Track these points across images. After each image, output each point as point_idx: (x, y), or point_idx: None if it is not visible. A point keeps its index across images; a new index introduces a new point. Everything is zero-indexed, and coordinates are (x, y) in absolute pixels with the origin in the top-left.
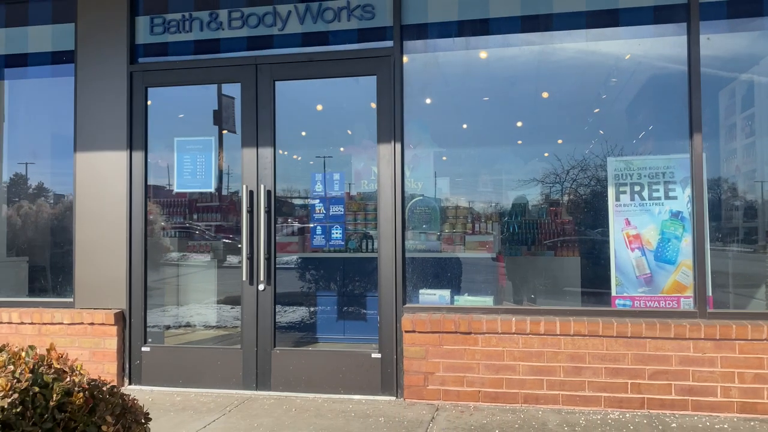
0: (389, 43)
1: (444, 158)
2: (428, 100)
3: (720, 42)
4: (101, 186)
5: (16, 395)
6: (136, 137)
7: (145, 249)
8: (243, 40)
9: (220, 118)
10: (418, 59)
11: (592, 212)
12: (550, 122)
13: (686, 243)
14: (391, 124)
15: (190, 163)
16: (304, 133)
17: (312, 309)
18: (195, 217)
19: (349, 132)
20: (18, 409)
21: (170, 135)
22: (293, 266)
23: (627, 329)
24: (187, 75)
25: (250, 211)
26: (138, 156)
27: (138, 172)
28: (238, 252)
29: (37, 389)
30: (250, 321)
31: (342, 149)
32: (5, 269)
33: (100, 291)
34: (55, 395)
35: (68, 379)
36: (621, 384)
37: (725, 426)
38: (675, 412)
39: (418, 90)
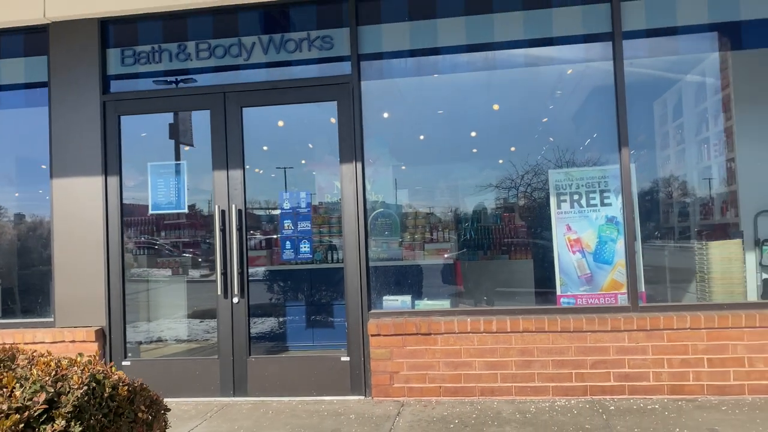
0: (348, 71)
1: (403, 168)
2: (386, 118)
3: (645, 63)
4: (78, 209)
5: (85, 387)
6: (111, 162)
7: (123, 268)
8: (211, 69)
9: (191, 142)
10: (375, 84)
11: (540, 218)
12: (501, 132)
13: (621, 245)
14: (352, 145)
15: (163, 185)
16: (269, 152)
17: (284, 318)
18: (169, 236)
19: (312, 149)
20: (86, 398)
21: (145, 159)
22: (265, 279)
23: (570, 324)
24: (158, 103)
25: (223, 229)
26: (113, 180)
27: (113, 196)
28: (212, 268)
29: (94, 384)
30: (225, 332)
31: (307, 167)
32: None
33: (79, 309)
34: (107, 389)
35: (113, 377)
36: (566, 374)
37: (656, 407)
38: (614, 396)
39: (377, 111)
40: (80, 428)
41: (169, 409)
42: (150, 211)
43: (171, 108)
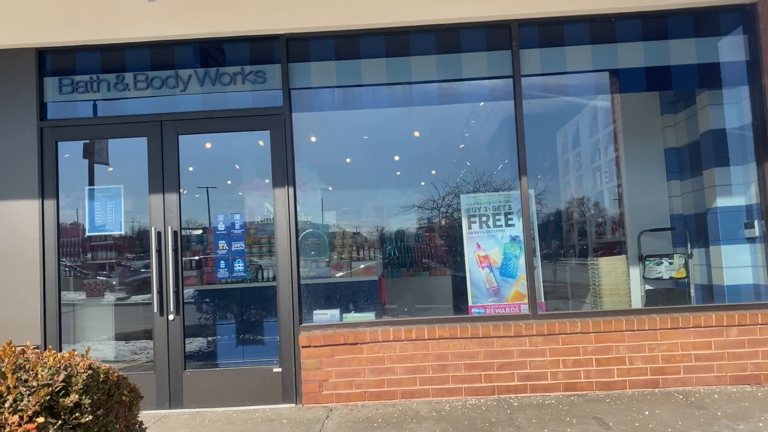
0: (280, 103)
1: (330, 190)
2: (315, 145)
3: (544, 99)
4: (13, 232)
5: (90, 371)
6: (48, 186)
7: (59, 289)
8: (148, 99)
9: (108, 161)
10: (305, 115)
11: (455, 238)
12: (422, 158)
13: (523, 261)
14: (284, 171)
15: (100, 208)
16: (203, 176)
17: (218, 334)
18: (105, 257)
19: (244, 173)
20: (89, 380)
21: (82, 183)
22: (200, 297)
23: (479, 331)
24: (96, 131)
25: (159, 250)
26: (50, 204)
27: (50, 219)
28: (149, 287)
29: (91, 371)
30: (161, 347)
31: (239, 189)
32: None
33: (15, 328)
34: (101, 375)
35: (103, 367)
36: (476, 376)
37: (553, 402)
38: (518, 394)
39: (306, 138)
40: (88, 401)
41: (142, 397)
42: (87, 233)
43: (109, 135)
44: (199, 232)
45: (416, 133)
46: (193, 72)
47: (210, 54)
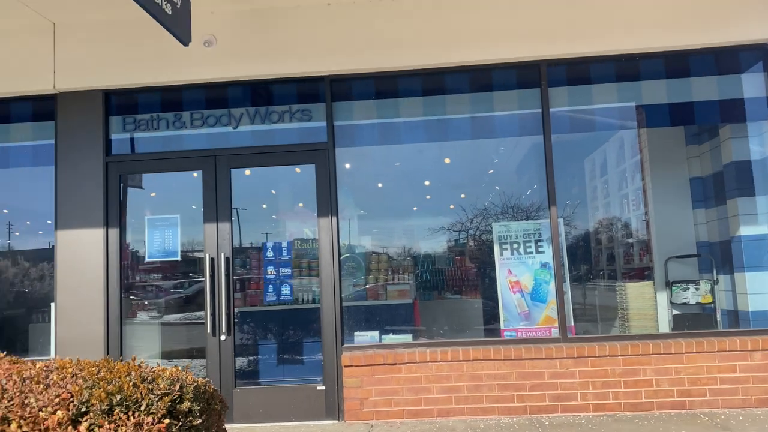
0: (324, 139)
1: (365, 214)
2: (354, 176)
3: (572, 132)
4: (81, 258)
5: (195, 383)
6: (112, 216)
7: (120, 310)
8: (203, 136)
9: (140, 185)
10: (347, 149)
11: (485, 261)
12: (453, 185)
13: (553, 286)
14: (328, 202)
15: (159, 236)
16: (253, 204)
17: (265, 353)
18: (163, 280)
19: (291, 202)
20: (196, 390)
21: (143, 213)
22: (250, 318)
23: (511, 353)
24: (156, 165)
25: (212, 275)
26: (113, 232)
27: (114, 245)
28: (202, 309)
29: (195, 383)
30: (213, 366)
31: (286, 217)
32: None
33: (80, 347)
34: (201, 386)
35: (200, 381)
36: (509, 396)
37: (583, 421)
38: (549, 414)
39: (346, 170)
40: (198, 407)
41: (227, 407)
42: (146, 258)
43: (167, 168)
44: (249, 257)
45: (447, 160)
46: (244, 110)
47: (260, 94)
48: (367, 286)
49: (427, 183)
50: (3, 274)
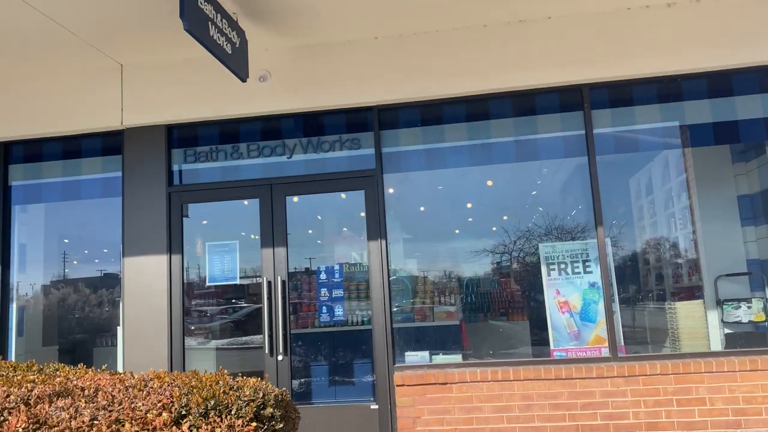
0: (373, 166)
1: (411, 239)
2: (400, 200)
3: (614, 159)
4: (145, 283)
5: (276, 391)
6: (175, 243)
7: (183, 332)
8: (259, 165)
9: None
10: (394, 175)
11: (532, 283)
12: (496, 206)
13: (602, 306)
14: (377, 226)
15: (219, 261)
16: (306, 229)
17: (320, 373)
18: (223, 303)
19: (342, 228)
20: (276, 399)
21: (203, 239)
22: (304, 340)
23: (562, 373)
24: (215, 194)
25: (269, 297)
26: (176, 258)
27: (176, 271)
28: (260, 330)
29: (275, 392)
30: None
31: (337, 241)
32: (41, 357)
33: (145, 368)
34: (280, 396)
35: (276, 391)
36: (560, 415)
37: None
38: None
39: (393, 194)
40: (279, 413)
41: (300, 417)
42: (207, 283)
43: (227, 197)
44: (302, 280)
45: (489, 182)
46: (297, 140)
47: (312, 124)
48: (415, 307)
49: (469, 205)
50: (67, 301)
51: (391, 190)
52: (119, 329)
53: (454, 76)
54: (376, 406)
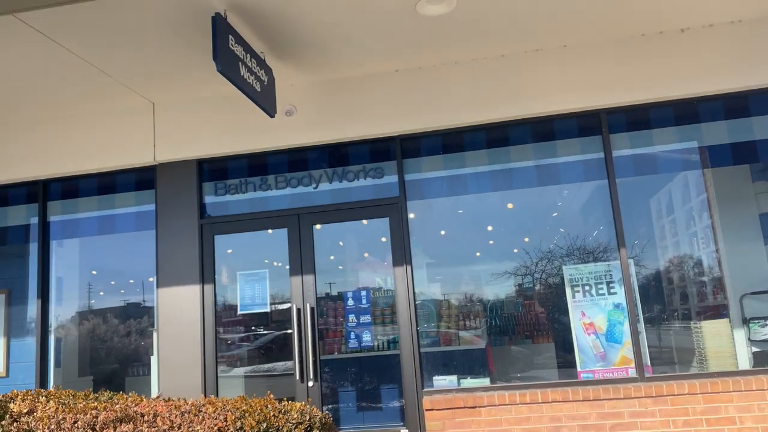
0: (396, 194)
1: (434, 263)
2: (423, 226)
3: (633, 180)
4: (179, 313)
5: (320, 414)
6: (207, 273)
7: (216, 359)
8: (287, 196)
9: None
10: (417, 202)
11: (555, 304)
12: (518, 230)
13: (627, 327)
14: (402, 252)
15: (249, 289)
16: (332, 255)
17: (349, 398)
18: (254, 330)
19: (366, 255)
20: (320, 422)
21: (234, 268)
22: (334, 365)
23: (590, 394)
24: (245, 225)
25: (299, 324)
26: (209, 288)
27: (209, 300)
28: (290, 356)
29: (320, 415)
30: None
31: (363, 267)
32: (77, 387)
33: (180, 394)
34: (323, 419)
35: (320, 414)
36: None
37: None
38: None
39: (416, 220)
40: None
41: None
42: (239, 311)
43: (256, 228)
44: (329, 307)
45: (509, 205)
46: (323, 171)
47: (336, 155)
48: (440, 331)
49: (490, 228)
50: (100, 332)
51: (414, 216)
52: (152, 358)
53: (473, 105)
54: (406, 430)
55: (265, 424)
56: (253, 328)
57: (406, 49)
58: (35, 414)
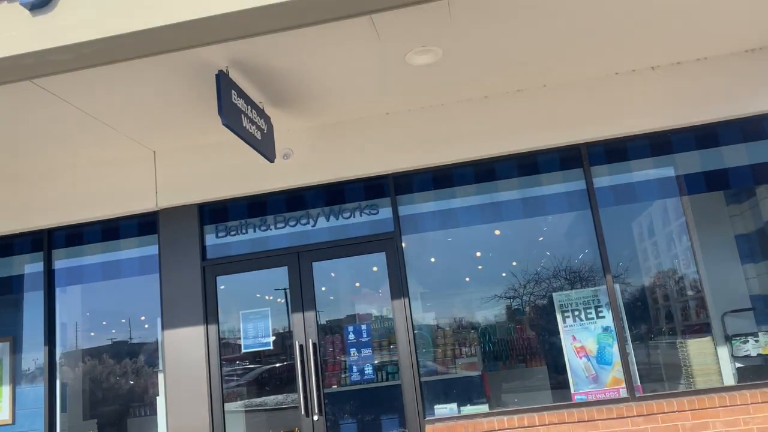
0: (391, 229)
1: (429, 294)
2: (417, 257)
3: (618, 209)
4: (184, 352)
5: None
6: (210, 313)
7: (222, 398)
8: (286, 235)
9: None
10: (411, 236)
11: (549, 330)
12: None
13: (617, 349)
14: (399, 285)
15: (252, 328)
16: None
17: (355, 429)
18: (258, 368)
19: (365, 289)
20: None
21: (237, 307)
22: (337, 398)
23: (584, 415)
24: (245, 265)
25: (302, 360)
26: (212, 328)
27: (213, 340)
28: (294, 391)
29: None
30: None
31: (361, 301)
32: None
33: None
34: None
35: None
36: None
37: None
38: None
39: (413, 254)
40: None
41: None
42: (243, 350)
43: (257, 267)
44: (330, 341)
45: (497, 231)
46: (320, 210)
47: (332, 194)
48: (435, 359)
49: (479, 254)
50: (103, 375)
51: (408, 248)
52: (158, 399)
53: (459, 143)
54: None
55: None
56: (257, 364)
57: (397, 94)
58: None
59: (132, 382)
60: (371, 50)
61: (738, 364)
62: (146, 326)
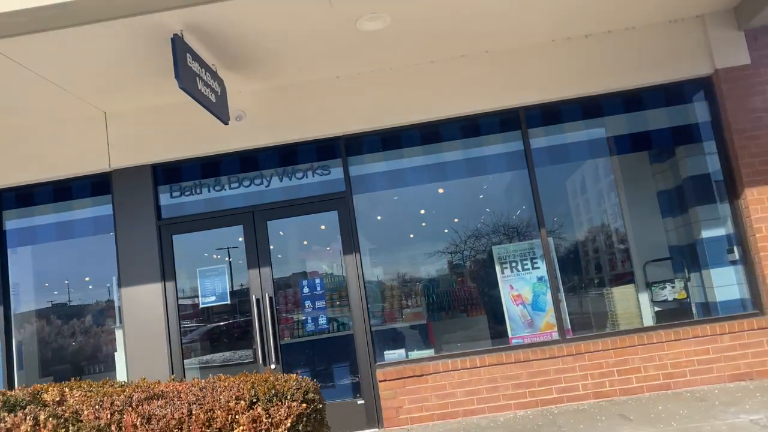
0: (343, 189)
1: (378, 249)
2: (368, 216)
3: (549, 161)
4: (143, 309)
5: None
6: (168, 271)
7: (182, 352)
8: (241, 195)
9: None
10: (362, 195)
11: (489, 281)
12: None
13: (550, 297)
14: (350, 242)
15: (210, 284)
16: (285, 248)
17: (310, 376)
18: (216, 322)
19: (320, 246)
20: (309, 388)
21: (194, 266)
22: (293, 348)
23: (521, 356)
24: (201, 224)
25: (258, 313)
26: (170, 285)
27: (171, 297)
28: (252, 345)
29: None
30: None
31: (314, 256)
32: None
33: None
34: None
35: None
36: (522, 393)
37: (586, 407)
38: (557, 405)
39: (363, 212)
40: (318, 397)
41: (324, 403)
42: (201, 305)
43: (212, 226)
44: (288, 294)
45: (440, 189)
46: (274, 171)
47: (286, 155)
48: (384, 311)
49: (423, 212)
50: (59, 333)
51: (359, 208)
52: (116, 354)
53: (407, 107)
54: (363, 401)
55: (273, 390)
56: (216, 319)
57: (347, 58)
58: (73, 399)
59: (88, 340)
60: (323, 16)
61: (657, 308)
62: (102, 285)
